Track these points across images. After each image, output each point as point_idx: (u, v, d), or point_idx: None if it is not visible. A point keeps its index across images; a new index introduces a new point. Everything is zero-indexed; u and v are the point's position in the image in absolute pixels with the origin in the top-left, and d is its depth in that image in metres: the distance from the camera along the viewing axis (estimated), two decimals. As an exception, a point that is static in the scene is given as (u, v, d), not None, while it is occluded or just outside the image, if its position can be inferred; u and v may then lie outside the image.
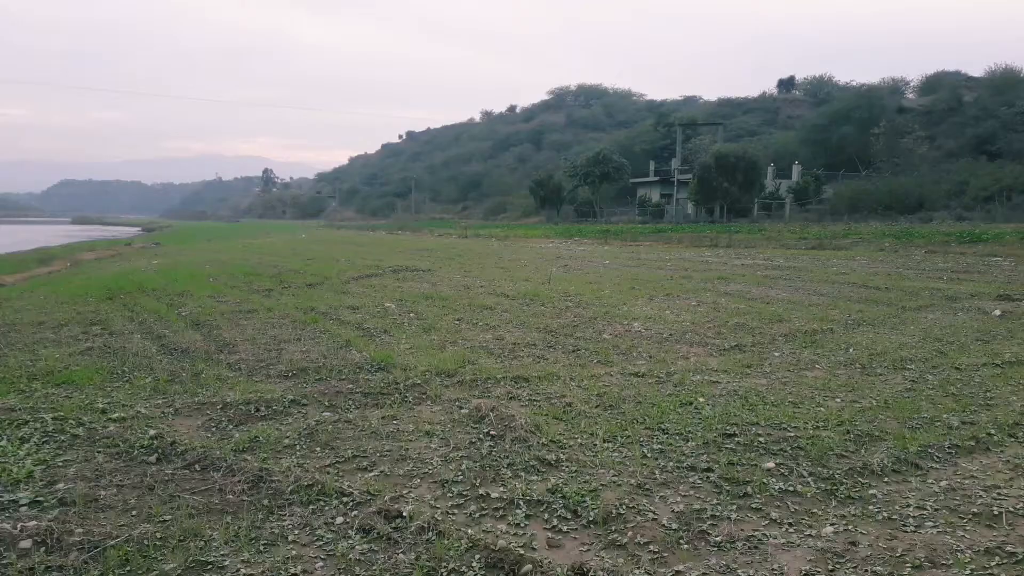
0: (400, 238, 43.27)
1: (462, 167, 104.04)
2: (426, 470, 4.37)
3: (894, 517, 3.75)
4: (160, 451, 4.54)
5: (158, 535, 3.44)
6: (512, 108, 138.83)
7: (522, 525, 3.66)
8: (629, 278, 15.54)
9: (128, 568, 3.17)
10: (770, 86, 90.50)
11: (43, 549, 3.31)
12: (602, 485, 4.11)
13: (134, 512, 3.72)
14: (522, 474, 4.29)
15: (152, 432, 4.83)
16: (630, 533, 3.55)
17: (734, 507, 3.88)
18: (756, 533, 3.58)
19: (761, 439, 4.91)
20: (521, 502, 3.89)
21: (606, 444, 4.81)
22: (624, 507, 3.82)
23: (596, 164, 56.03)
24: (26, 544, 3.34)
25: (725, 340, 8.40)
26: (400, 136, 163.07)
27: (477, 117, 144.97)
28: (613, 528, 3.61)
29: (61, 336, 8.60)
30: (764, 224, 39.39)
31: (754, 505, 3.91)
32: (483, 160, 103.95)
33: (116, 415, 5.29)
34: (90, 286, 14.25)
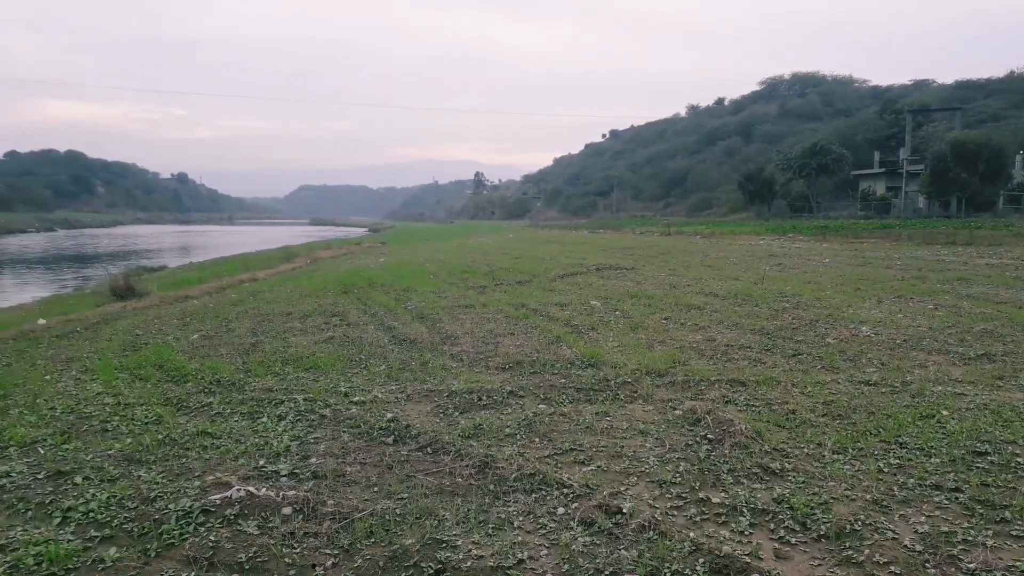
0: (602, 237, 43.38)
1: (665, 163, 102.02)
2: (642, 468, 4.36)
3: None
4: (396, 433, 4.93)
5: (397, 511, 3.74)
6: (720, 101, 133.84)
7: (746, 533, 3.54)
8: (853, 278, 14.44)
9: (373, 540, 3.47)
10: (1020, 64, 79.59)
11: (301, 516, 3.72)
12: (833, 498, 3.87)
13: (375, 488, 4.07)
14: (744, 481, 4.14)
15: (389, 415, 5.26)
16: (867, 551, 3.31)
17: (990, 532, 3.48)
18: (1019, 563, 3.19)
19: (1020, 459, 4.36)
20: (744, 509, 3.76)
21: (836, 456, 4.51)
22: (859, 523, 3.57)
23: (813, 155, 52.62)
24: (287, 511, 3.76)
25: (970, 348, 7.55)
26: (603, 135, 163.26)
27: (683, 112, 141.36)
28: (847, 544, 3.39)
29: (307, 326, 9.60)
30: (1011, 219, 34.82)
31: (1015, 532, 3.49)
32: (687, 155, 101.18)
33: (357, 398, 5.82)
34: (328, 281, 15.75)
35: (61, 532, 3.64)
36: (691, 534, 3.47)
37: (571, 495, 3.94)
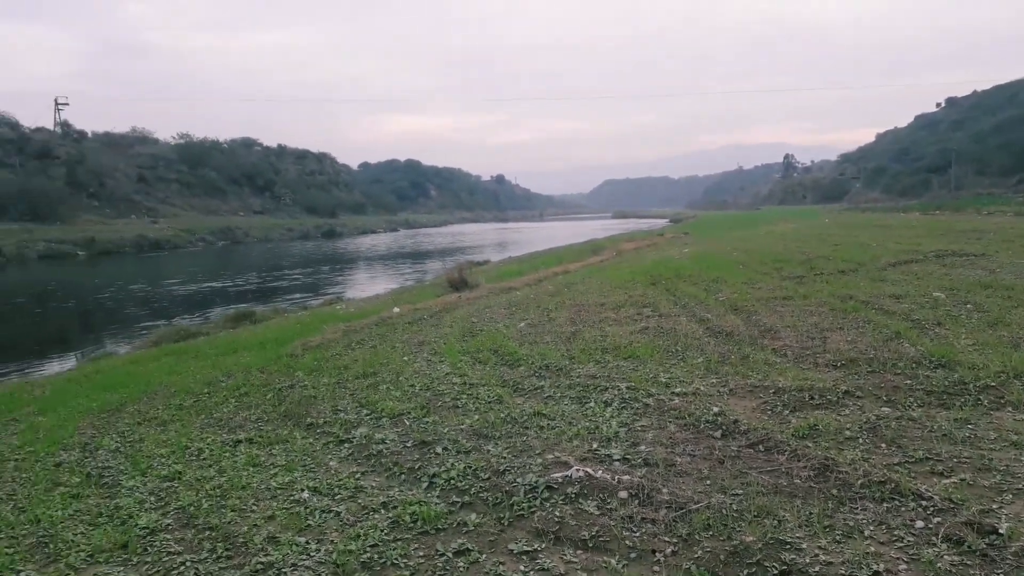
0: (937, 219, 38.25)
1: (1018, 132, 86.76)
2: (1019, 486, 3.77)
3: None
4: (724, 428, 4.85)
5: (733, 507, 3.67)
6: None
7: None
8: None
9: (711, 533, 3.45)
10: None
11: (636, 501, 3.82)
12: None
13: (708, 481, 4.04)
14: None
15: (715, 409, 5.19)
16: None
17: None
18: None
19: None
20: None
21: None
22: None
23: None
24: (623, 495, 3.89)
25: None
26: (937, 104, 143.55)
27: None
28: None
29: (620, 316, 9.84)
30: None
31: None
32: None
33: (678, 390, 5.83)
34: (635, 273, 15.98)
35: (429, 495, 4.16)
36: (1096, 569, 2.93)
37: (931, 508, 3.54)
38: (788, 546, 3.27)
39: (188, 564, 3.57)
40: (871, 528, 3.41)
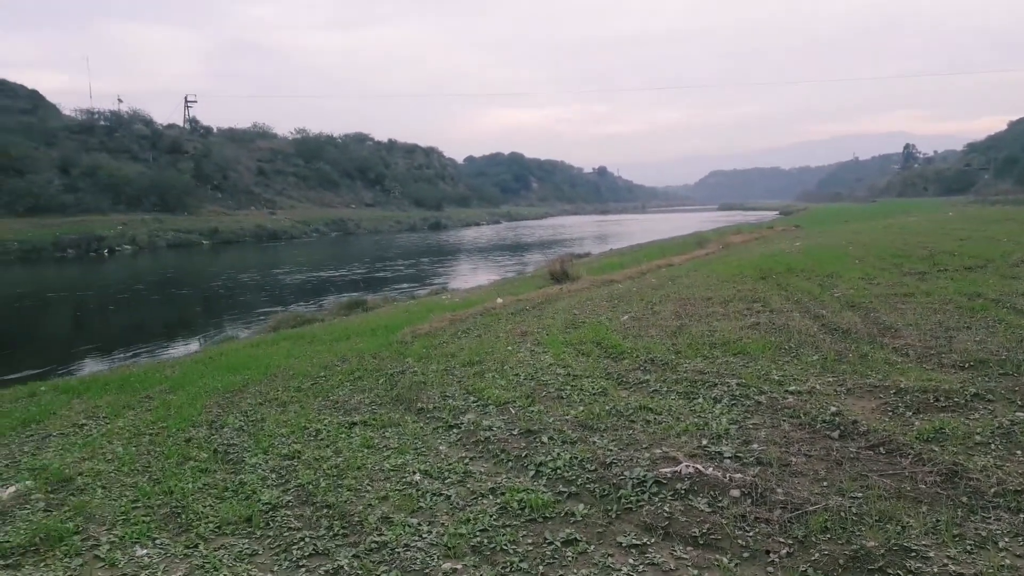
0: (1083, 212, 35.17)
1: None
2: None
3: None
4: (842, 428, 4.66)
5: (853, 510, 3.53)
6: None
7: None
8: None
9: (828, 536, 3.33)
10: None
11: (749, 500, 3.74)
12: None
13: (825, 483, 3.90)
14: None
15: (832, 409, 5.00)
16: None
17: None
18: None
19: None
20: None
21: None
22: None
23: None
24: (735, 493, 3.81)
25: None
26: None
27: None
28: None
29: (728, 311, 9.59)
30: None
31: None
32: None
33: (792, 388, 5.64)
34: (743, 266, 15.53)
35: (536, 483, 4.21)
36: None
37: (1076, 523, 3.30)
38: (913, 553, 3.12)
39: (307, 540, 3.75)
40: (1006, 539, 3.20)
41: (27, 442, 6.04)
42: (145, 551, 3.77)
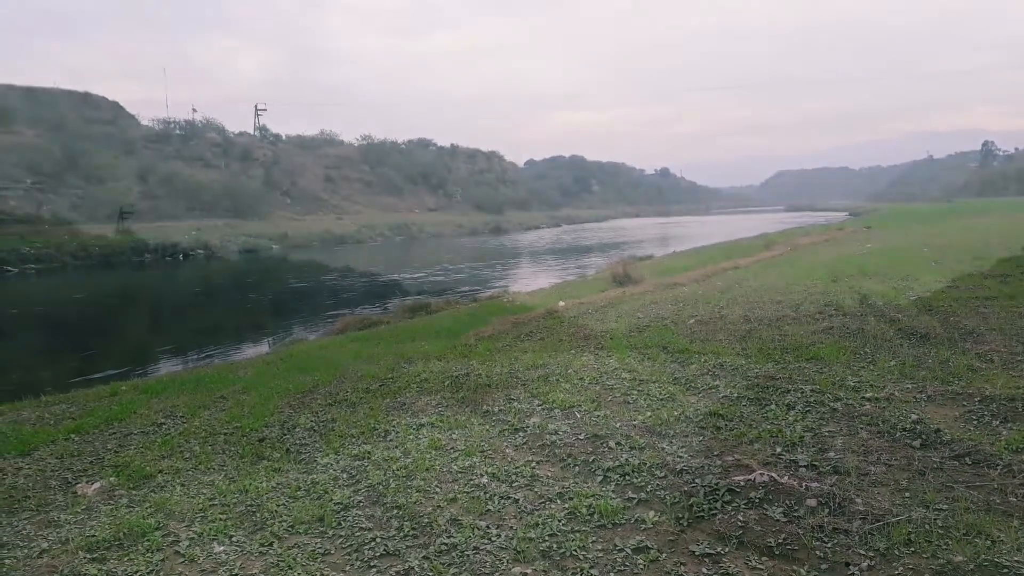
0: None
1: None
2: None
3: None
4: (923, 437, 4.48)
5: (938, 522, 3.39)
6: None
7: None
8: None
9: (912, 549, 3.20)
10: None
11: (827, 510, 3.62)
12: None
13: (907, 494, 3.75)
14: None
15: (914, 416, 4.81)
16: None
17: None
18: None
19: None
20: None
21: None
22: None
23: None
24: (812, 502, 3.70)
25: None
26: None
27: None
28: None
29: (799, 315, 9.34)
30: None
31: None
32: None
33: (869, 395, 5.46)
34: (812, 269, 15.14)
35: (604, 488, 4.17)
36: None
37: None
38: (1006, 570, 2.97)
39: (378, 540, 3.80)
40: (1109, 559, 3.02)
41: (110, 440, 6.29)
42: (222, 548, 3.87)
